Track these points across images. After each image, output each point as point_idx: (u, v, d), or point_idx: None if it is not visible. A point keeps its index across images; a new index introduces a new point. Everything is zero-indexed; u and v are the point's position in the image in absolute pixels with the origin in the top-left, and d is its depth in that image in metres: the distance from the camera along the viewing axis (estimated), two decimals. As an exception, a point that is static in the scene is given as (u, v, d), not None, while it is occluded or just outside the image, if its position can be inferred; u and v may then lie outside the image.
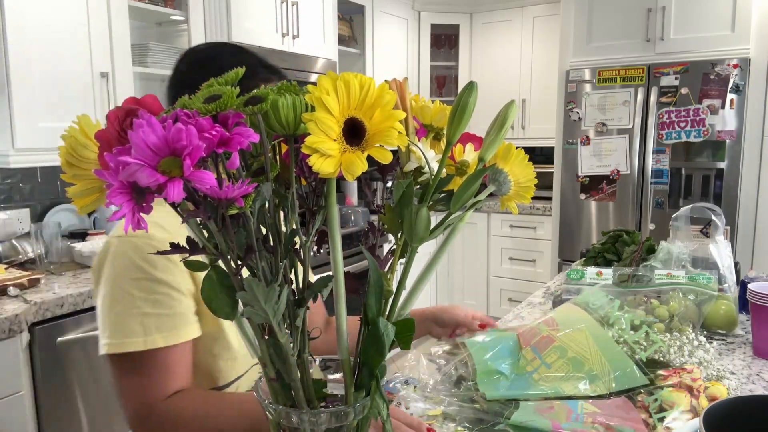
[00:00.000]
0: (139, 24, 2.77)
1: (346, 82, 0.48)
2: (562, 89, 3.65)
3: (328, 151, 0.46)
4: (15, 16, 2.00)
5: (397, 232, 0.58)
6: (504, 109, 0.58)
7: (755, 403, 0.61)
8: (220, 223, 0.47)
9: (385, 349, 0.54)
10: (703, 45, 3.24)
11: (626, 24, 3.45)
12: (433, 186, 0.57)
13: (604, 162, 3.54)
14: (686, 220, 1.60)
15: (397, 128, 0.48)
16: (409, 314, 0.60)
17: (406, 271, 0.59)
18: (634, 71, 3.38)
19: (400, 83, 0.59)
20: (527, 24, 4.32)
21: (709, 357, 1.06)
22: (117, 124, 0.46)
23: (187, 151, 0.39)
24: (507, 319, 1.57)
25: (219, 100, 0.46)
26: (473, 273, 4.46)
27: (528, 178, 0.63)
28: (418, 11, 4.41)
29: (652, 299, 1.31)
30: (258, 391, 0.59)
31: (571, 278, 1.45)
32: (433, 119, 0.63)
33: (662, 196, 3.40)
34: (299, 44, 3.20)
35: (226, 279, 0.51)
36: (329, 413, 0.56)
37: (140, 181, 0.38)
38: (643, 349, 1.06)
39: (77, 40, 2.22)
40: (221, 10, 2.75)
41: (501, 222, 4.28)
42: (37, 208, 2.48)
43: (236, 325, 0.57)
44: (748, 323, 1.37)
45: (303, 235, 0.55)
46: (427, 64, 4.47)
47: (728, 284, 1.45)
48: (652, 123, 3.34)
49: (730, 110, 3.15)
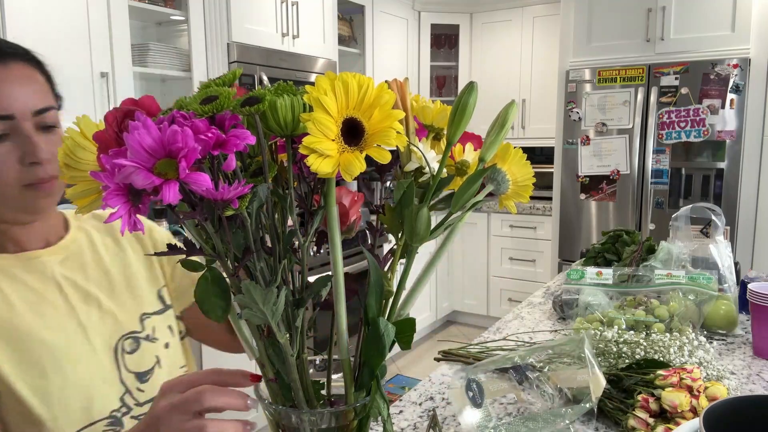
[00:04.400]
0: (139, 24, 2.77)
1: (344, 82, 0.48)
2: (562, 89, 3.65)
3: (326, 152, 0.46)
4: (15, 16, 2.00)
5: (397, 232, 0.58)
6: (504, 109, 0.58)
7: (755, 403, 0.61)
8: (217, 225, 0.47)
9: (386, 349, 0.54)
10: (703, 45, 3.24)
11: (626, 24, 3.45)
12: (433, 186, 0.56)
13: (604, 162, 3.53)
14: (686, 220, 1.60)
15: (395, 128, 0.48)
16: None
17: (406, 271, 0.59)
18: (634, 71, 3.38)
19: (401, 83, 0.59)
20: (527, 24, 4.32)
21: (709, 357, 1.06)
22: (115, 125, 0.46)
23: (182, 153, 0.39)
24: (507, 319, 1.57)
25: (215, 101, 0.46)
26: (473, 273, 4.46)
27: (526, 177, 0.63)
28: (418, 11, 4.41)
29: (652, 299, 1.31)
30: (258, 392, 0.58)
31: (571, 278, 1.45)
32: (433, 119, 0.63)
33: (662, 196, 3.39)
34: (299, 44, 3.20)
35: (221, 281, 0.51)
36: (329, 413, 0.56)
37: (136, 183, 0.38)
38: (643, 349, 1.06)
39: (77, 40, 2.22)
40: (221, 10, 2.75)
41: (501, 222, 4.28)
42: (37, 208, 2.48)
43: (234, 324, 0.57)
44: (748, 323, 1.37)
45: (302, 236, 0.55)
46: (427, 64, 4.47)
47: (728, 284, 1.45)
48: (652, 123, 3.34)
49: (730, 110, 3.15)
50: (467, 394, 0.91)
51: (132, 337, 0.92)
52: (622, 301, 1.35)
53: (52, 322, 0.84)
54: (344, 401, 0.58)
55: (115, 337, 0.89)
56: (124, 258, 0.96)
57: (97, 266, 0.93)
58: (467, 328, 4.60)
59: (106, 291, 0.92)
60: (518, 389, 0.96)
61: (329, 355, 0.61)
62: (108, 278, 0.93)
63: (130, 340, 0.91)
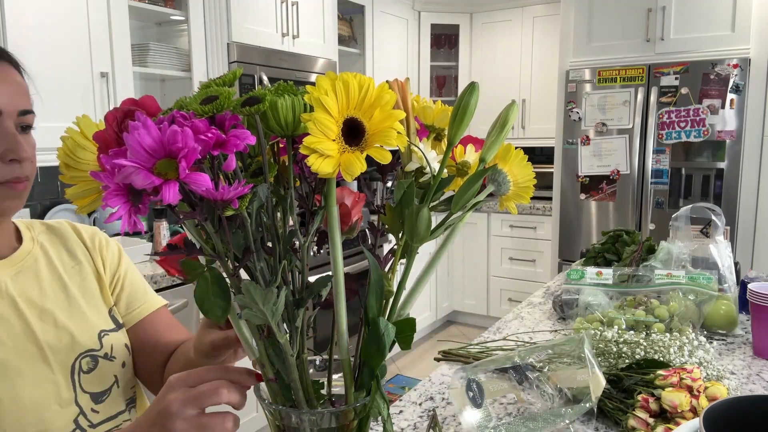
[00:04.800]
0: (139, 24, 2.77)
1: (345, 83, 0.48)
2: (562, 89, 3.65)
3: (327, 152, 0.46)
4: (15, 15, 2.00)
5: (398, 233, 0.58)
6: (505, 110, 0.58)
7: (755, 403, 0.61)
8: (217, 225, 0.47)
9: (386, 348, 0.54)
10: (703, 45, 3.24)
11: (626, 24, 3.45)
12: (434, 186, 0.56)
13: (604, 162, 3.53)
14: (686, 220, 1.60)
15: (396, 128, 0.48)
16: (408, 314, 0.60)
17: (407, 271, 0.59)
18: (634, 71, 3.38)
19: (402, 84, 0.59)
20: (527, 24, 4.32)
21: (709, 357, 1.06)
22: (115, 125, 0.46)
23: (182, 154, 0.39)
24: (507, 319, 1.57)
25: (215, 101, 0.46)
26: (473, 273, 4.46)
27: (527, 179, 0.62)
28: (418, 11, 4.41)
29: (652, 299, 1.31)
30: (258, 392, 0.58)
31: (571, 278, 1.45)
32: (434, 120, 0.63)
33: (662, 196, 3.39)
34: (299, 44, 3.20)
35: (221, 281, 0.51)
36: (329, 413, 0.56)
37: (136, 183, 0.38)
38: (643, 349, 1.06)
39: (77, 40, 2.22)
40: (221, 10, 2.75)
41: (501, 222, 4.28)
42: (38, 208, 2.48)
43: (234, 324, 0.57)
44: (748, 323, 1.37)
45: (302, 236, 0.55)
46: (427, 64, 4.47)
47: (728, 284, 1.45)
48: (652, 123, 3.34)
49: (730, 110, 3.15)
50: (467, 394, 0.91)
51: (90, 356, 0.87)
52: (622, 301, 1.35)
53: (7, 340, 0.80)
54: (344, 401, 0.58)
55: (72, 356, 0.85)
56: (81, 272, 0.93)
57: (53, 281, 0.89)
58: (467, 328, 4.60)
59: (63, 307, 0.87)
60: (518, 389, 0.96)
61: (329, 355, 0.61)
62: (65, 293, 0.89)
63: (88, 358, 0.87)
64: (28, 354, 0.81)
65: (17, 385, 0.79)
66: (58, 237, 0.95)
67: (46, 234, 0.94)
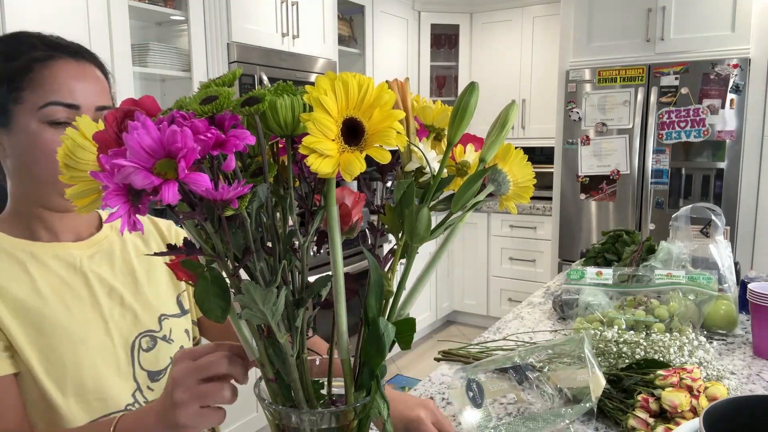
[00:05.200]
0: (139, 24, 2.77)
1: (345, 82, 0.48)
2: (562, 89, 3.65)
3: (326, 152, 0.46)
4: (14, 15, 2.00)
5: (397, 233, 0.58)
6: (505, 110, 0.58)
7: (755, 403, 0.61)
8: (217, 225, 0.47)
9: (386, 349, 0.54)
10: (703, 45, 3.24)
11: (626, 24, 3.45)
12: (434, 186, 0.56)
13: (604, 162, 3.54)
14: (686, 220, 1.60)
15: (396, 128, 0.48)
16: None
17: (406, 271, 0.59)
18: (634, 71, 3.38)
19: (401, 83, 0.59)
20: (527, 24, 4.32)
21: (709, 357, 1.06)
22: (115, 125, 0.46)
23: (182, 154, 0.39)
24: (507, 319, 1.57)
25: (215, 101, 0.46)
26: (473, 273, 4.46)
27: (527, 179, 0.62)
28: (418, 11, 4.41)
29: (652, 299, 1.31)
30: (258, 392, 0.58)
31: (571, 278, 1.45)
32: (434, 120, 0.63)
33: (662, 196, 3.39)
34: (299, 44, 3.20)
35: (221, 281, 0.51)
36: (329, 413, 0.56)
37: (135, 183, 0.38)
38: (643, 349, 1.06)
39: (77, 40, 2.21)
40: (221, 10, 2.75)
41: (501, 222, 4.28)
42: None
43: (234, 324, 0.57)
44: (748, 323, 1.37)
45: (302, 236, 0.54)
46: (427, 64, 4.47)
47: (728, 284, 1.45)
48: (652, 123, 3.34)
49: (730, 110, 3.15)
50: (467, 394, 0.91)
51: (149, 336, 0.95)
52: (622, 301, 1.35)
53: (76, 313, 0.87)
54: (344, 401, 0.58)
55: (133, 334, 0.93)
56: (151, 260, 1.01)
57: (124, 264, 0.97)
58: (467, 328, 4.60)
59: (131, 289, 0.95)
60: (518, 389, 0.96)
61: (330, 355, 0.61)
62: (133, 277, 0.97)
63: (147, 338, 0.94)
64: (93, 324, 0.88)
65: (80, 351, 0.85)
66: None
67: None
